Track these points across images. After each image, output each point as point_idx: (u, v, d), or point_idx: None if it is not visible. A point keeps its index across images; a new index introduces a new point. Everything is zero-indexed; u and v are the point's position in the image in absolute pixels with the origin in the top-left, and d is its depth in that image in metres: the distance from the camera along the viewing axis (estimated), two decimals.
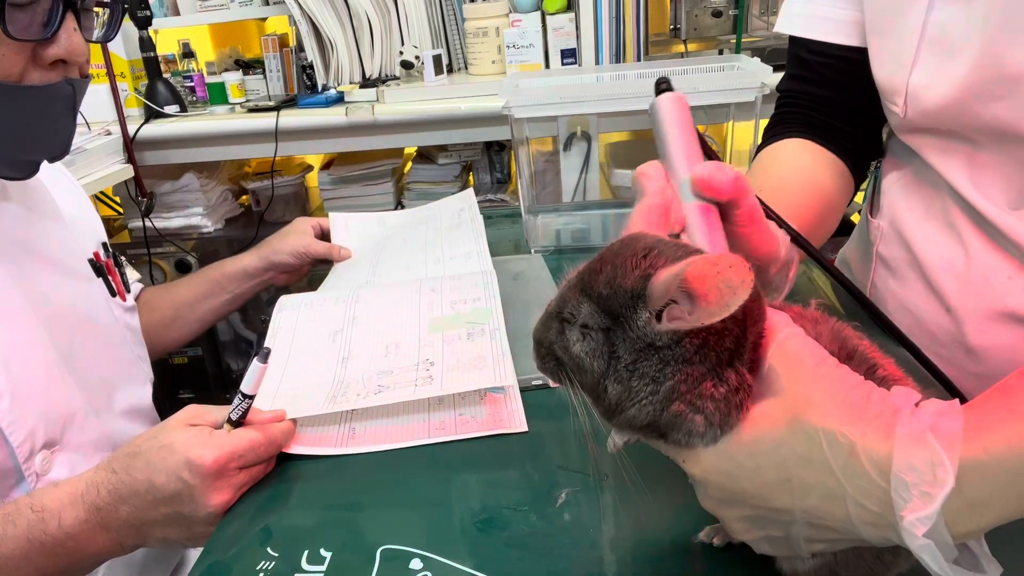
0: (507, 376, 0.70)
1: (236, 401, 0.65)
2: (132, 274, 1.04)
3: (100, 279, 0.85)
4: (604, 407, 0.43)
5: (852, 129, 0.80)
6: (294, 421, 0.69)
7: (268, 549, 0.57)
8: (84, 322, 0.80)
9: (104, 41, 0.77)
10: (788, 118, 0.84)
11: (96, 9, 0.74)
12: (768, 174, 0.78)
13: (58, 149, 0.75)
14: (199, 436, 0.62)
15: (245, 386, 0.65)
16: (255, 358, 0.65)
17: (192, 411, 0.66)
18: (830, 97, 0.80)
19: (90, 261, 0.85)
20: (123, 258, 0.96)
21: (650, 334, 0.40)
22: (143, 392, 0.89)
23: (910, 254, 0.75)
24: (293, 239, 1.09)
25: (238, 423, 0.65)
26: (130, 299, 0.91)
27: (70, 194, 0.90)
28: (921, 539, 0.34)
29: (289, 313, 0.89)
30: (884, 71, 0.70)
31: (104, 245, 0.90)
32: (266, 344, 0.78)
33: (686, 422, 0.41)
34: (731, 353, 0.41)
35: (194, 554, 0.92)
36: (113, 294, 0.87)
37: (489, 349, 0.76)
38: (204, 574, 0.56)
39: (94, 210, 0.95)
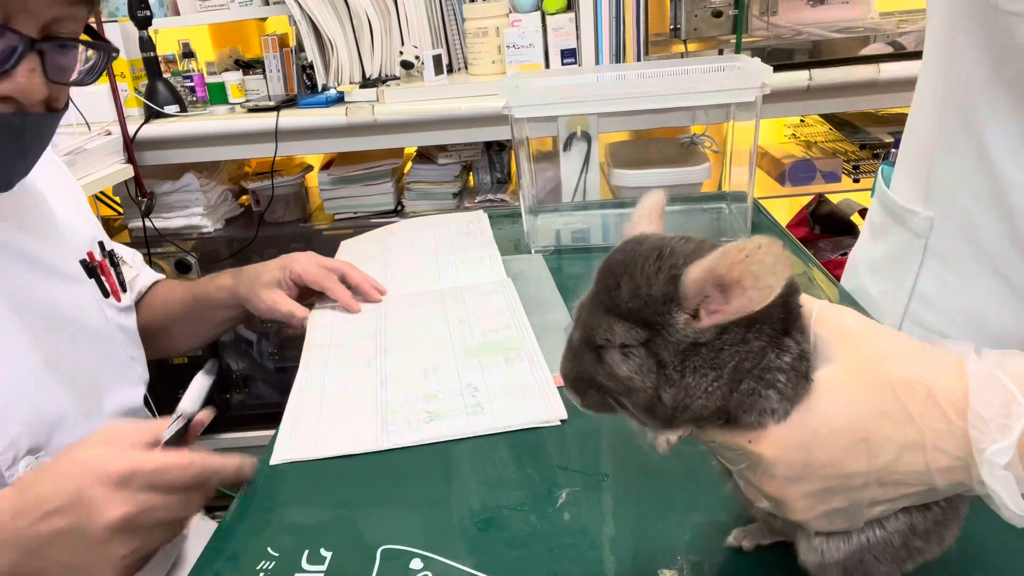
0: (558, 410, 0.70)
1: (172, 419, 0.60)
2: (147, 271, 1.03)
3: (92, 280, 0.84)
4: (662, 416, 0.41)
5: None
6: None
7: (268, 549, 0.57)
8: (71, 324, 0.79)
9: (80, 84, 0.71)
10: None
11: (90, 52, 0.69)
12: None
13: None
14: (109, 447, 0.57)
15: (186, 403, 0.59)
16: (200, 371, 0.59)
17: (111, 430, 0.60)
18: None
19: (82, 262, 0.83)
20: (121, 256, 0.94)
21: (691, 333, 0.39)
22: (135, 393, 0.87)
23: (974, 246, 0.70)
24: (266, 296, 0.96)
25: (174, 443, 0.59)
26: (127, 298, 0.89)
27: (66, 193, 0.88)
28: (1001, 471, 0.36)
29: (320, 333, 0.90)
30: None
31: (100, 244, 0.88)
32: (304, 353, 0.79)
33: (759, 400, 0.40)
34: (784, 322, 0.40)
35: (191, 555, 0.92)
36: (107, 295, 0.85)
37: (531, 377, 0.76)
38: (204, 574, 0.56)
39: (90, 209, 0.93)
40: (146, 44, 1.79)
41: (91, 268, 0.84)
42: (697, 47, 1.69)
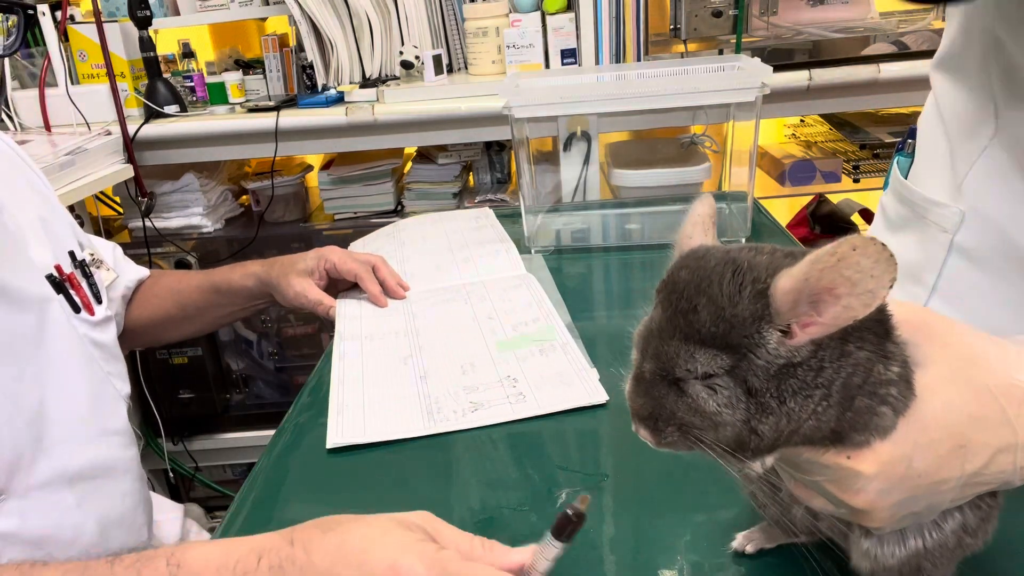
0: (597, 394, 0.72)
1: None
2: (129, 268, 1.01)
3: (61, 296, 0.77)
4: (754, 448, 0.38)
5: None
6: None
7: None
8: (33, 352, 0.72)
9: (6, 55, 0.67)
10: None
11: (11, 23, 0.65)
12: None
13: None
14: (420, 545, 0.46)
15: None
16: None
17: (426, 517, 0.50)
18: None
19: (49, 277, 0.77)
20: (100, 260, 0.89)
21: (785, 353, 0.36)
22: (116, 412, 0.81)
23: (1008, 244, 0.67)
24: (296, 283, 0.98)
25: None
26: (102, 310, 0.83)
27: (34, 201, 0.81)
28: None
29: (351, 324, 0.91)
30: None
31: (71, 255, 0.82)
32: (336, 343, 0.78)
33: (874, 418, 0.37)
34: (884, 325, 0.37)
35: None
36: (77, 310, 0.79)
37: (567, 364, 0.77)
38: None
39: (65, 214, 0.87)
40: (146, 44, 1.79)
41: (59, 283, 0.78)
42: (697, 47, 1.69)
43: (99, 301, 0.83)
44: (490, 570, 0.45)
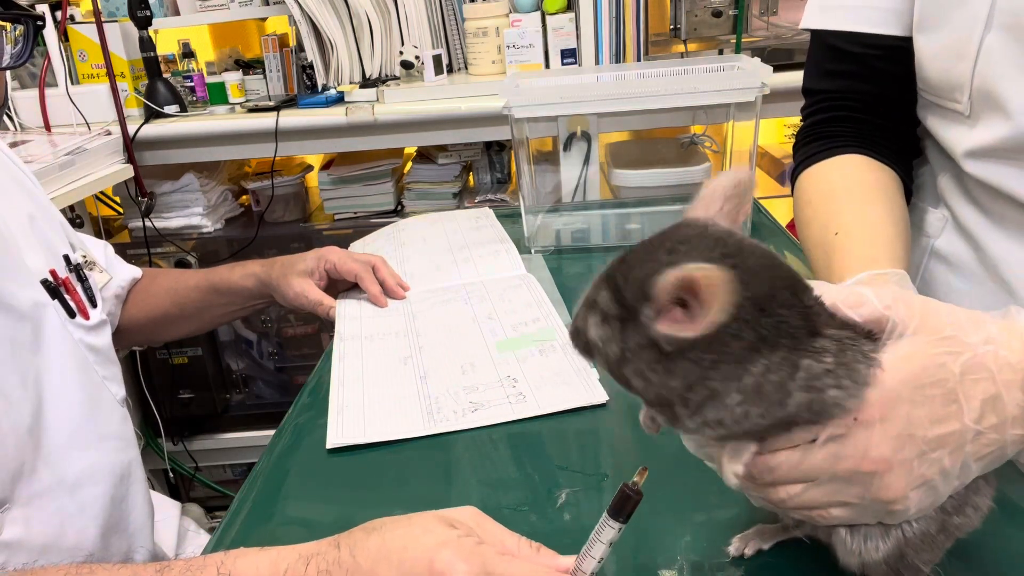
0: (598, 394, 0.72)
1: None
2: (121, 268, 1.00)
3: (56, 301, 0.76)
4: (678, 415, 0.42)
5: (902, 128, 0.76)
6: None
7: None
8: (30, 358, 0.71)
9: (14, 66, 0.66)
10: (831, 126, 0.79)
11: (4, 24, 0.64)
12: (850, 210, 0.71)
13: None
14: (459, 541, 0.47)
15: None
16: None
17: (472, 514, 0.51)
18: (876, 92, 0.75)
19: (44, 282, 0.76)
20: (93, 262, 0.87)
21: (651, 333, 0.39)
22: (113, 416, 0.80)
23: (980, 252, 0.70)
24: (296, 284, 0.98)
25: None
26: (96, 314, 0.82)
27: (27, 206, 0.80)
28: None
29: (351, 324, 0.91)
30: (939, 65, 0.66)
31: (66, 258, 0.81)
32: (335, 343, 0.78)
33: (827, 404, 0.39)
34: (806, 328, 0.39)
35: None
36: (72, 315, 0.78)
37: (567, 364, 0.78)
38: None
39: (59, 216, 0.87)
40: (146, 44, 1.79)
41: (54, 289, 0.77)
42: (697, 47, 1.69)
43: (94, 305, 0.82)
44: (530, 566, 0.46)
